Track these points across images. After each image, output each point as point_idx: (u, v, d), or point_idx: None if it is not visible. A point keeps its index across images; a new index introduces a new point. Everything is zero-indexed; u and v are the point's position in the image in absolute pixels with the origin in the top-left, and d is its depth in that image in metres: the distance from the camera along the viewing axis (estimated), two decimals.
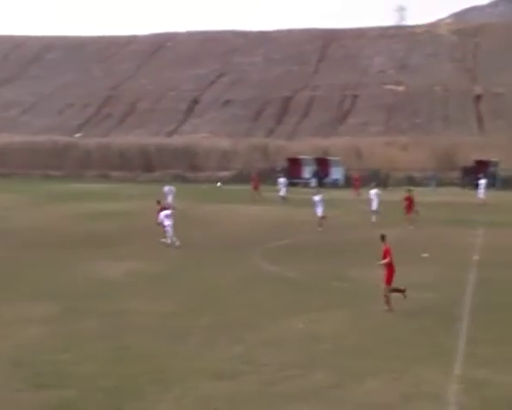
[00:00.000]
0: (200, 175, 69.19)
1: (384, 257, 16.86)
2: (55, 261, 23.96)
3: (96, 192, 52.02)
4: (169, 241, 27.41)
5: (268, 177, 58.63)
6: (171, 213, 27.98)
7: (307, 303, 17.62)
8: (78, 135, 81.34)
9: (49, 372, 12.42)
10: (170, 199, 36.06)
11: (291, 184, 59.30)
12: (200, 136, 77.17)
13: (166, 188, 36.89)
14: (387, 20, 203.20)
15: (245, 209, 40.53)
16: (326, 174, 65.44)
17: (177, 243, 27.05)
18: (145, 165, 72.47)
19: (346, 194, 51.97)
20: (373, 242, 19.66)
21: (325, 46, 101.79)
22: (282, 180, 45.73)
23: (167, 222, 27.50)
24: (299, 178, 64.46)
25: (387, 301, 16.78)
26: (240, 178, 62.25)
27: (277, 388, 11.76)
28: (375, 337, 14.80)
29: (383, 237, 17.17)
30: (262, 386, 11.83)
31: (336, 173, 65.37)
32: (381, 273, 16.99)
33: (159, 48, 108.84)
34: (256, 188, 46.61)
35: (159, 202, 29.79)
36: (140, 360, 13.16)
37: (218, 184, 33.22)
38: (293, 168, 65.57)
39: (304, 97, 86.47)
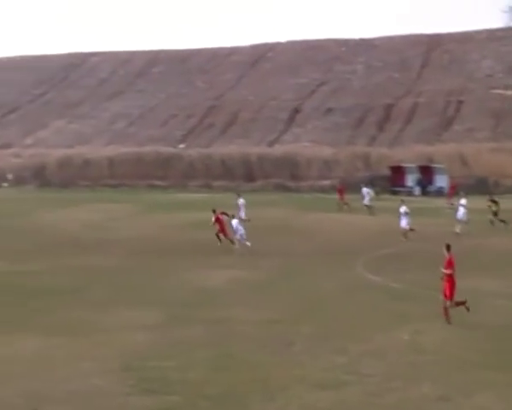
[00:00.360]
0: (302, 184, 69.17)
1: (446, 267, 16.25)
2: (160, 269, 24.54)
3: (198, 202, 52.97)
4: (237, 245, 28.36)
5: (371, 185, 57.92)
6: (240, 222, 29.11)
7: (411, 314, 17.26)
8: (181, 146, 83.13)
9: (156, 378, 12.71)
10: (242, 210, 36.36)
11: (393, 193, 58.51)
12: (302, 145, 77.19)
13: (241, 200, 37.23)
14: (496, 22, 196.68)
15: (347, 218, 40.18)
16: (430, 182, 64.02)
17: (240, 247, 27.99)
18: (247, 174, 73.14)
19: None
20: (477, 251, 19.06)
21: (429, 51, 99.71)
22: (365, 189, 45.26)
23: (240, 231, 28.35)
24: (402, 186, 63.35)
25: (446, 315, 16.18)
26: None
27: (382, 399, 11.56)
28: (481, 349, 14.32)
29: (448, 247, 16.53)
30: (366, 397, 11.66)
31: (441, 181, 63.75)
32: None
33: (259, 58, 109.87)
34: (342, 198, 46.31)
35: (214, 211, 30.34)
36: (244, 368, 13.25)
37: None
38: (395, 176, 64.55)
39: (407, 104, 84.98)
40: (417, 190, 60.13)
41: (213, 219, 29.74)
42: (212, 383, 12.44)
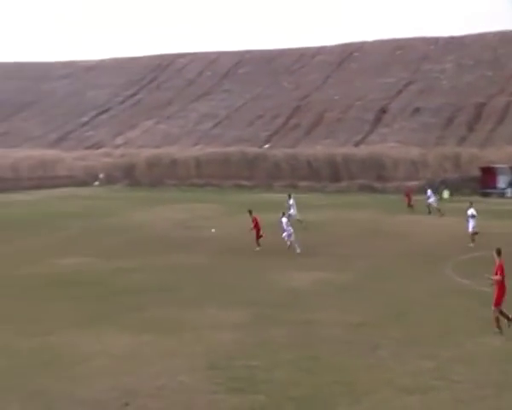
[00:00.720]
0: (388, 185, 68.24)
1: (496, 273, 15.57)
2: (246, 269, 24.71)
3: (284, 202, 53.00)
4: (288, 243, 28.57)
5: (459, 187, 56.69)
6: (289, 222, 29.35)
7: (502, 320, 16.73)
8: (267, 146, 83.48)
9: (242, 377, 12.81)
10: (293, 211, 36.16)
11: (484, 195, 56.96)
12: (388, 145, 76.15)
13: (291, 200, 37.11)
14: None
15: (435, 221, 39.40)
16: None
17: (292, 247, 28.35)
18: (332, 175, 72.76)
19: None
20: None
21: None
22: (429, 191, 44.23)
23: (288, 231, 28.59)
24: (494, 188, 61.57)
25: (497, 323, 15.49)
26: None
27: (472, 407, 11.27)
28: None
29: (499, 252, 15.81)
30: (455, 404, 11.39)
31: None
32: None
33: (346, 58, 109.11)
34: (409, 201, 45.48)
35: (250, 212, 30.50)
36: (330, 370, 13.19)
37: (213, 230, 32.97)
38: (486, 178, 62.75)
39: (499, 103, 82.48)
40: (509, 192, 58.27)
41: (253, 224, 29.92)
42: (297, 384, 12.43)
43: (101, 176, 69.35)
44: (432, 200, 43.18)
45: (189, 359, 14.01)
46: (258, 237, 29.65)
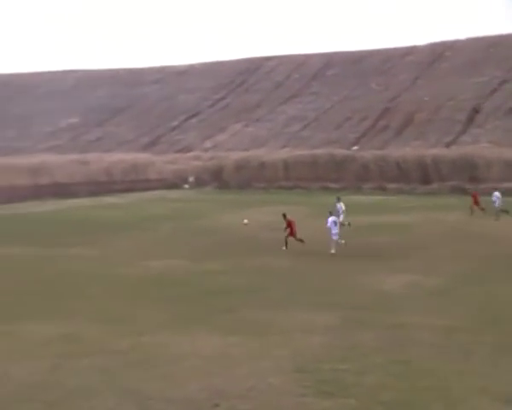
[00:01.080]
0: (481, 187, 66.37)
1: None
2: (335, 272, 24.56)
3: (373, 204, 52.52)
4: (333, 251, 28.59)
5: None
6: (337, 222, 29.73)
7: None
8: (355, 148, 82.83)
9: (331, 381, 12.71)
10: (341, 215, 35.53)
11: None
12: (481, 146, 74.15)
13: (340, 204, 36.48)
14: None
15: None
16: None
17: (342, 242, 28.94)
18: (422, 177, 71.45)
19: None
20: None
21: None
22: (496, 193, 42.44)
23: (334, 230, 28.79)
24: None
25: None
26: None
27: None
28: None
29: None
30: None
31: None
32: None
33: (437, 57, 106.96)
34: (476, 203, 43.84)
35: (285, 216, 30.74)
36: (421, 375, 12.91)
37: (245, 221, 32.09)
38: None
39: None
40: None
41: (285, 224, 30.41)
42: (388, 388, 12.23)
43: (190, 179, 70.55)
44: (497, 203, 41.74)
45: (277, 361, 14.01)
46: (292, 236, 30.19)
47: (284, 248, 29.71)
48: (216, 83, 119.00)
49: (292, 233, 30.37)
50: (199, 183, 74.73)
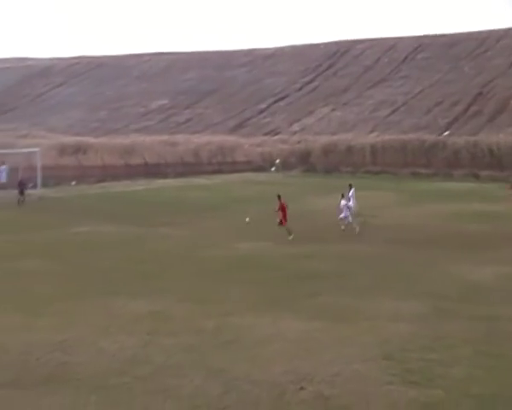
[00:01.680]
0: None
1: None
2: (423, 260, 24.13)
3: (463, 192, 51.22)
4: (343, 227, 30.19)
5: None
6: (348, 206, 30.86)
7: None
8: (446, 133, 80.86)
9: (418, 370, 12.53)
10: (352, 202, 34.33)
11: None
12: None
13: (352, 191, 35.11)
14: None
15: None
16: None
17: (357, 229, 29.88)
18: None
19: None
20: None
21: None
22: None
23: (344, 214, 30.21)
24: None
25: None
26: None
27: None
28: None
29: None
30: None
31: None
32: None
33: None
34: None
35: (279, 197, 29.89)
36: None
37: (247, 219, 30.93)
38: None
39: None
40: None
41: (278, 206, 29.58)
42: (478, 381, 11.96)
43: (277, 162, 70.63)
44: None
45: (363, 348, 13.93)
46: (282, 222, 29.34)
47: (290, 237, 28.53)
48: (304, 66, 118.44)
49: (283, 217, 29.46)
50: (285, 166, 74.74)
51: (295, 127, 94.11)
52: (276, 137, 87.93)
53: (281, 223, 29.45)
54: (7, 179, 43.54)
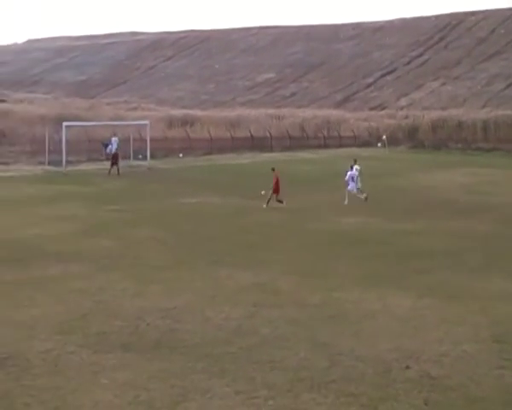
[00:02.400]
0: None
1: None
2: None
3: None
4: (346, 201, 30.43)
5: None
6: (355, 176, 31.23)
7: None
8: None
9: None
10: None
11: None
12: None
13: (356, 167, 32.93)
14: None
15: None
16: None
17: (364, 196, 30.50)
18: None
19: None
20: None
21: None
22: None
23: (351, 185, 30.82)
24: None
25: None
26: None
27: None
28: None
29: None
30: None
31: None
32: None
33: None
34: None
35: (273, 169, 29.99)
36: None
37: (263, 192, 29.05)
38: None
39: None
40: None
41: (274, 180, 29.63)
42: None
43: (384, 137, 69.38)
44: None
45: (473, 328, 13.51)
46: (275, 193, 29.43)
47: (265, 205, 29.20)
48: (414, 39, 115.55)
49: (276, 190, 29.59)
50: (392, 141, 73.35)
51: (403, 102, 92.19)
52: (383, 112, 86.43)
53: (275, 193, 29.73)
54: (118, 150, 44.95)
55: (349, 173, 31.50)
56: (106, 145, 48.21)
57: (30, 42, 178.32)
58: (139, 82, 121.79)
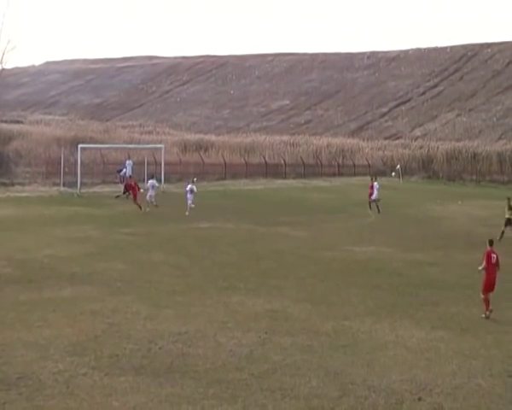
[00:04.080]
0: None
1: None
2: None
3: None
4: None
5: None
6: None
7: None
8: None
9: None
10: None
11: None
12: None
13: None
14: None
15: None
16: None
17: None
18: None
19: None
20: None
21: None
22: None
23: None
24: None
25: None
26: None
27: None
28: None
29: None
30: None
31: None
32: None
33: None
34: None
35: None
36: None
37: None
38: None
39: None
40: None
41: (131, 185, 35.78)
42: None
43: (397, 167, 69.31)
44: None
45: (487, 362, 13.42)
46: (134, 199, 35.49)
47: (142, 210, 33.97)
48: (429, 70, 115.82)
49: (134, 196, 35.13)
50: (406, 171, 73.22)
51: (417, 132, 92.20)
52: (398, 142, 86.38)
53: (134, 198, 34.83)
54: (132, 173, 45.16)
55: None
56: (120, 170, 48.54)
57: (47, 64, 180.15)
58: (154, 106, 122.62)
